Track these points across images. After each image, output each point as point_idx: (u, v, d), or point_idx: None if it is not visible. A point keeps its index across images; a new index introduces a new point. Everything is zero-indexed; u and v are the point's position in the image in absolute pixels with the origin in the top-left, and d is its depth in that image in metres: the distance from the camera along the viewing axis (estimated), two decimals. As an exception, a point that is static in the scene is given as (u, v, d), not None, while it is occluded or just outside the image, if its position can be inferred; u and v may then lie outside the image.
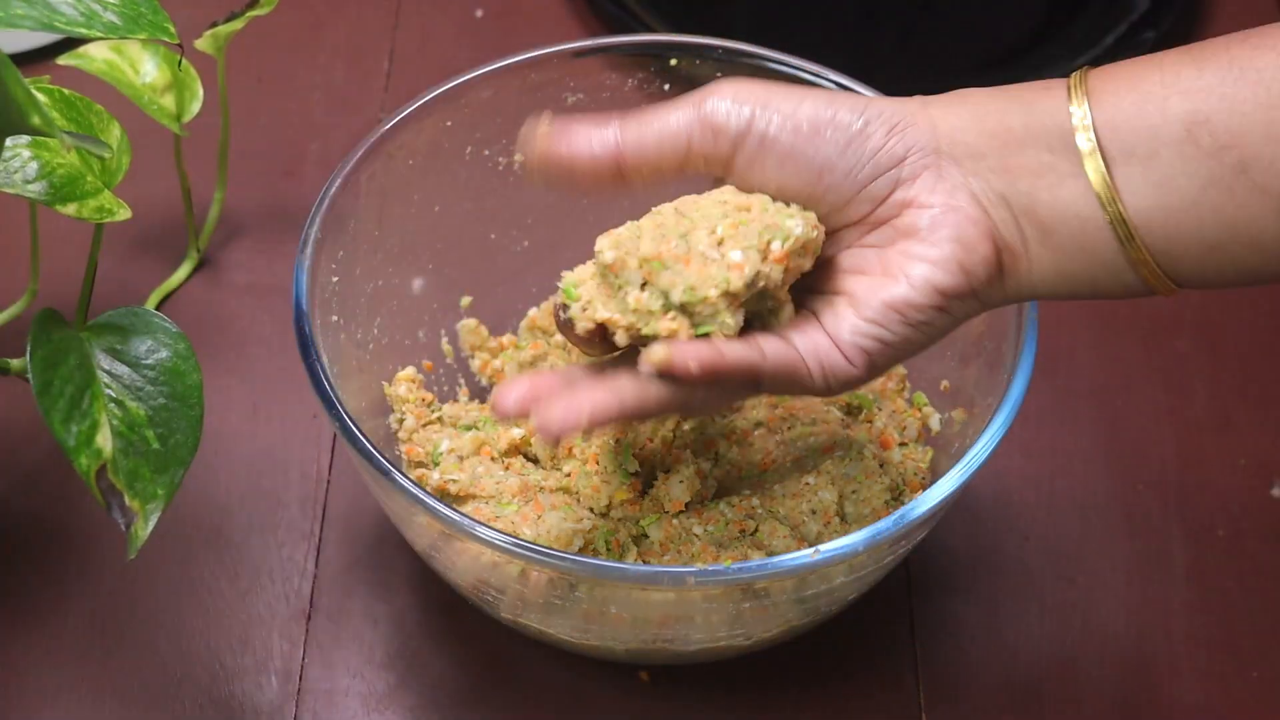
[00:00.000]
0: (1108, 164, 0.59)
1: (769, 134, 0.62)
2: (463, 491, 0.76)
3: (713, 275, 0.61)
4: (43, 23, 0.63)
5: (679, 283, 0.61)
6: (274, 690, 0.77)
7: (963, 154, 0.62)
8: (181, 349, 0.70)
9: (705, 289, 0.60)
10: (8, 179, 0.74)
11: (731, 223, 0.62)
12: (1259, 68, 0.58)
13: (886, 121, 0.62)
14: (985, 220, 0.62)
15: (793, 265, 0.62)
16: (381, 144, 0.77)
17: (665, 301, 0.61)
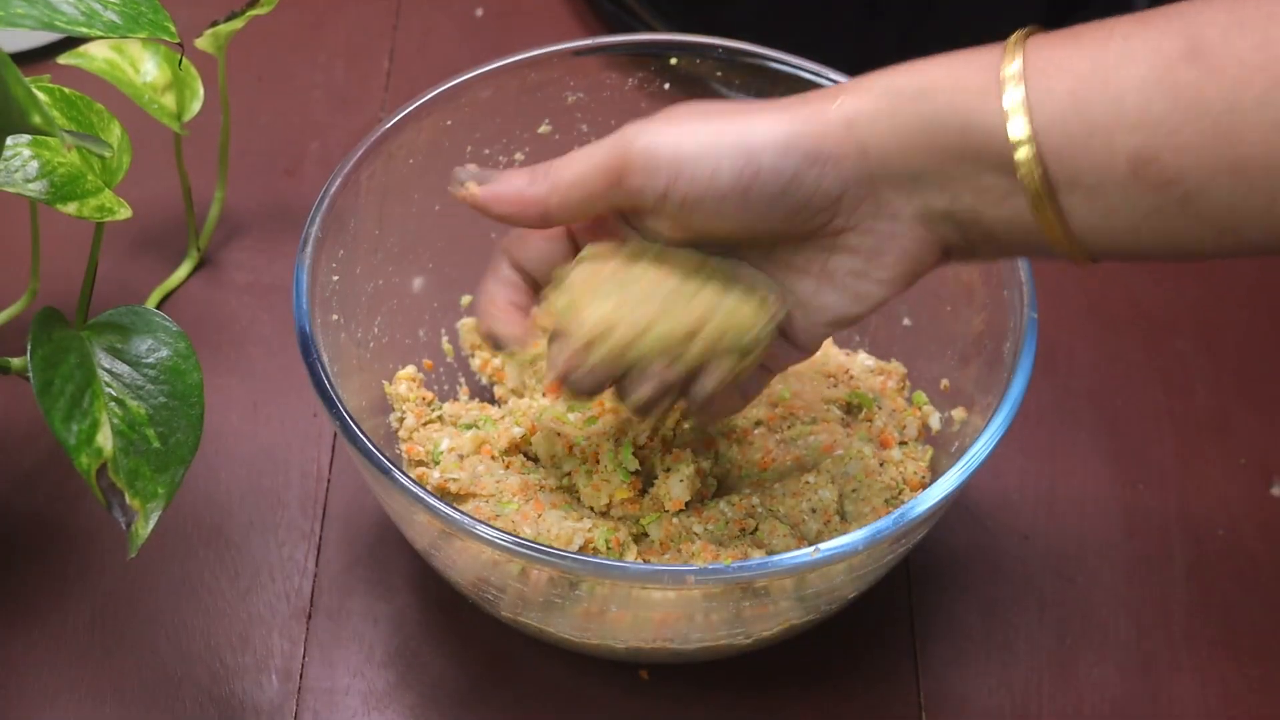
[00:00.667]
0: (1050, 193, 0.58)
1: (690, 198, 0.62)
2: (463, 490, 0.76)
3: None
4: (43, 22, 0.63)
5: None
6: (274, 689, 0.77)
7: (899, 178, 0.60)
8: (182, 348, 0.70)
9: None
10: (8, 178, 0.74)
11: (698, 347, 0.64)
12: (1207, 97, 0.55)
13: (814, 163, 0.60)
14: (931, 236, 0.62)
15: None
16: (382, 143, 0.77)
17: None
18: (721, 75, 0.81)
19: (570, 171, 0.64)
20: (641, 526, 0.75)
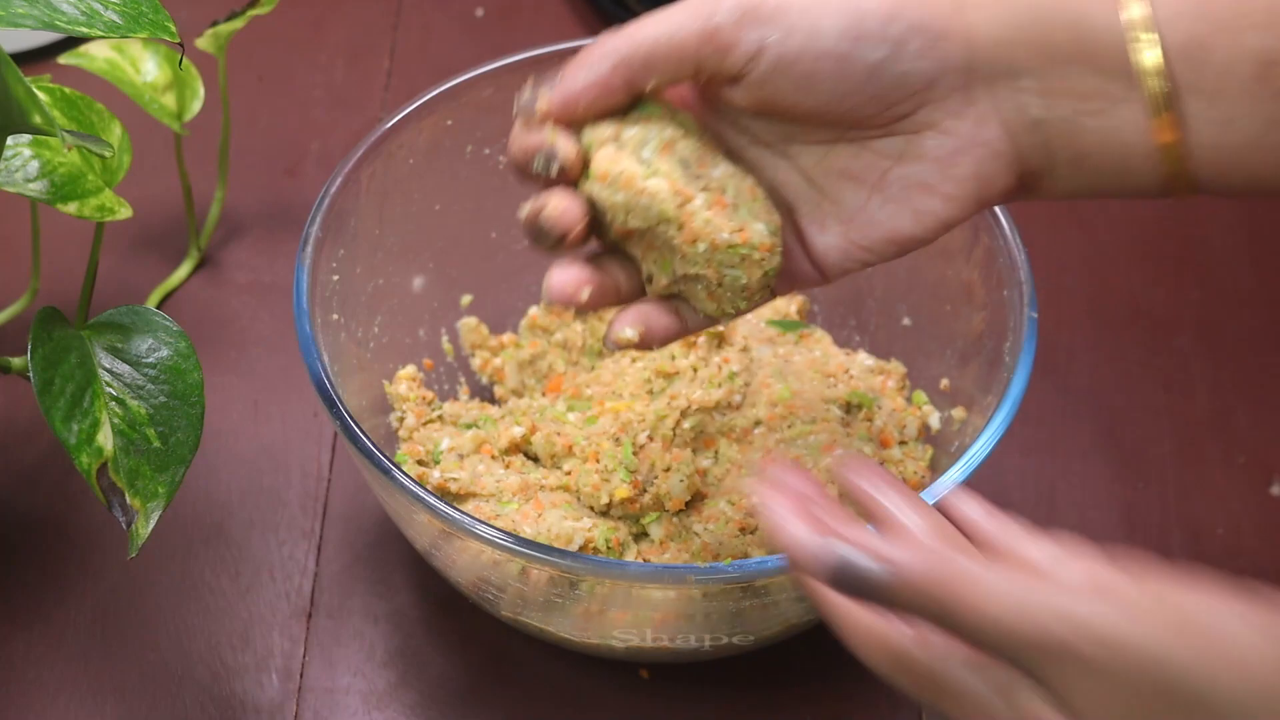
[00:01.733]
0: (1171, 96, 0.54)
1: (785, 58, 0.56)
2: (463, 490, 0.76)
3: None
4: (44, 22, 0.63)
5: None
6: (275, 688, 0.77)
7: (999, 72, 0.56)
8: (182, 347, 0.70)
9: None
10: (9, 178, 0.74)
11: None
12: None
13: (918, 36, 0.56)
14: (1011, 151, 0.57)
15: None
16: (382, 143, 0.77)
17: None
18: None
19: (653, 29, 0.58)
20: (642, 526, 0.75)
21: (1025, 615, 0.48)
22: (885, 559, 0.50)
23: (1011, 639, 0.49)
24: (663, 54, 0.58)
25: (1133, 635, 0.47)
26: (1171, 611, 0.48)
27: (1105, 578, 0.49)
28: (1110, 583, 0.49)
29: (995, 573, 0.49)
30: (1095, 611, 0.48)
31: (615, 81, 0.59)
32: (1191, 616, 0.48)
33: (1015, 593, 0.48)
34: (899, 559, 0.50)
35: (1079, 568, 0.50)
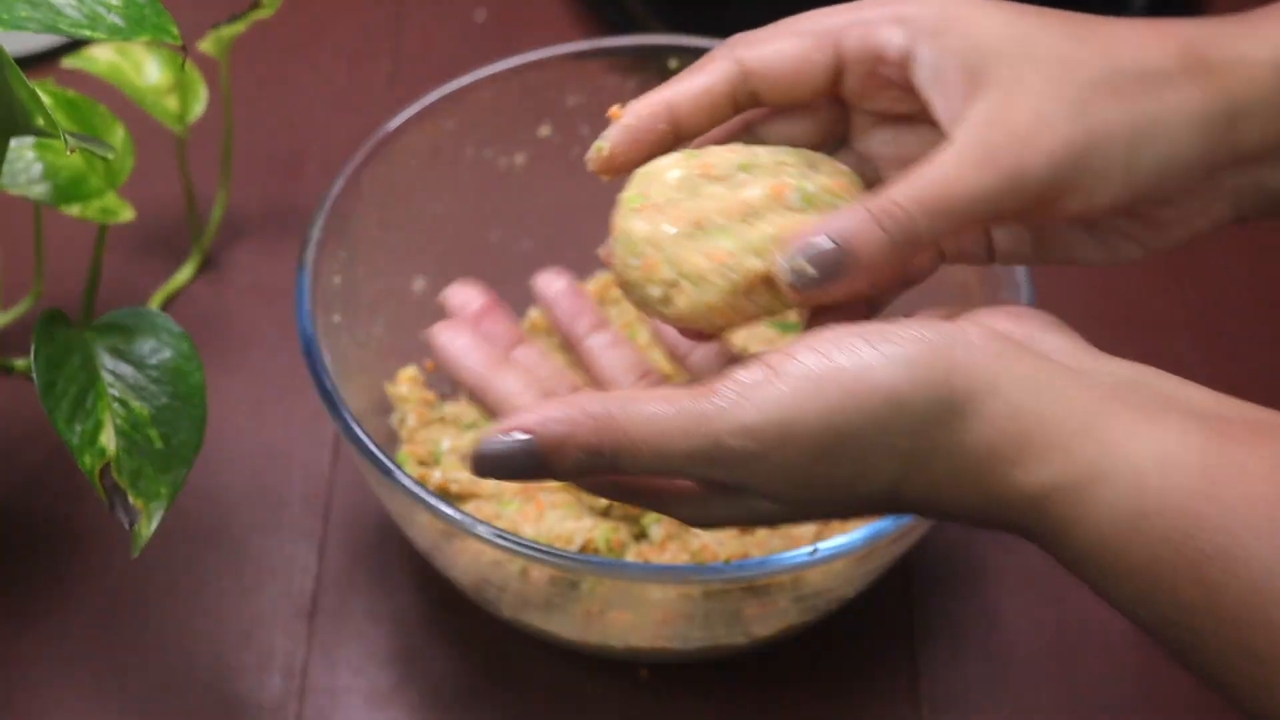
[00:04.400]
0: None
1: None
2: (464, 490, 0.76)
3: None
4: (47, 25, 0.64)
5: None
6: (277, 688, 0.77)
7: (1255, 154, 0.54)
8: (185, 349, 0.71)
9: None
10: (13, 180, 0.74)
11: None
12: None
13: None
14: (1235, 213, 0.57)
15: None
16: (384, 145, 0.77)
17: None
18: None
19: (766, 43, 0.55)
20: (642, 526, 0.75)
21: (681, 436, 0.49)
22: (519, 428, 0.50)
23: (679, 463, 0.50)
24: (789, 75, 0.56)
25: (768, 414, 0.49)
26: (812, 379, 0.49)
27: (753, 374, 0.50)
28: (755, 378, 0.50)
29: (639, 405, 0.50)
30: (733, 404, 0.49)
31: (721, 102, 0.56)
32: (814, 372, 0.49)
33: (661, 419, 0.49)
34: (531, 423, 0.50)
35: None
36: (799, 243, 0.51)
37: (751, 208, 0.53)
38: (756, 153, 0.54)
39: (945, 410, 0.49)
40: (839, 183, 0.54)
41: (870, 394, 0.48)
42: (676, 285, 0.52)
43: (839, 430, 0.49)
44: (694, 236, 0.53)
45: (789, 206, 0.53)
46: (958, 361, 0.49)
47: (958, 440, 0.49)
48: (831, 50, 0.54)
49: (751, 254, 0.52)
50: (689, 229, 0.52)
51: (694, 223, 0.53)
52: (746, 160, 0.54)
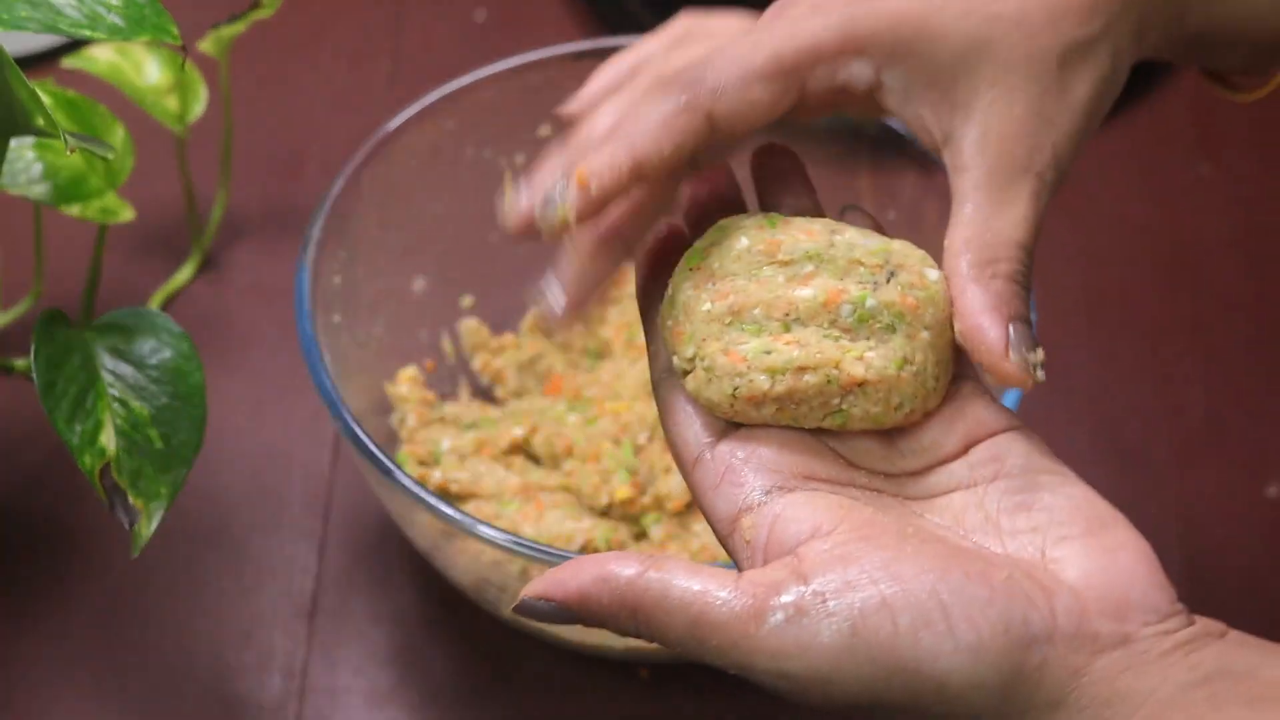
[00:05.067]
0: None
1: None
2: (464, 490, 0.76)
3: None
4: (47, 25, 0.64)
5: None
6: (277, 688, 0.77)
7: None
8: (185, 349, 0.71)
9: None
10: (13, 180, 0.74)
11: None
12: None
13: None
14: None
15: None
16: (383, 145, 0.77)
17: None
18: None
19: (755, 56, 0.53)
20: (642, 526, 0.75)
21: (711, 634, 0.48)
22: (544, 596, 0.50)
23: (710, 656, 0.49)
24: (760, 91, 0.54)
25: (811, 666, 0.48)
26: (863, 639, 0.47)
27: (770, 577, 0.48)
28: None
29: (670, 584, 0.48)
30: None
31: (694, 130, 0.54)
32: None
33: (694, 610, 0.48)
34: (554, 594, 0.49)
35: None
36: (1012, 337, 0.52)
37: (797, 311, 0.51)
38: (836, 243, 0.52)
39: (997, 707, 0.47)
40: (910, 300, 0.51)
41: (924, 681, 0.47)
42: (692, 366, 0.51)
43: (879, 697, 0.47)
44: (726, 324, 0.51)
45: (836, 320, 0.51)
46: (1028, 666, 0.47)
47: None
48: (798, 92, 0.54)
49: (763, 373, 0.50)
50: (725, 313, 0.51)
51: (732, 309, 0.51)
52: (820, 249, 0.51)
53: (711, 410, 0.51)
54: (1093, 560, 0.50)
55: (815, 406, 0.51)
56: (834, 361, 0.50)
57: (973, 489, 0.51)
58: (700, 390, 0.51)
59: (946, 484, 0.51)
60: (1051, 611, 0.47)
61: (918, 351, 0.51)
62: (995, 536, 0.50)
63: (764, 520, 0.50)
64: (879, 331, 0.51)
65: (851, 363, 0.50)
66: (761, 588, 0.47)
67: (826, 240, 0.52)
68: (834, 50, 0.53)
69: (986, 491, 0.51)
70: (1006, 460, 0.52)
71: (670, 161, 0.53)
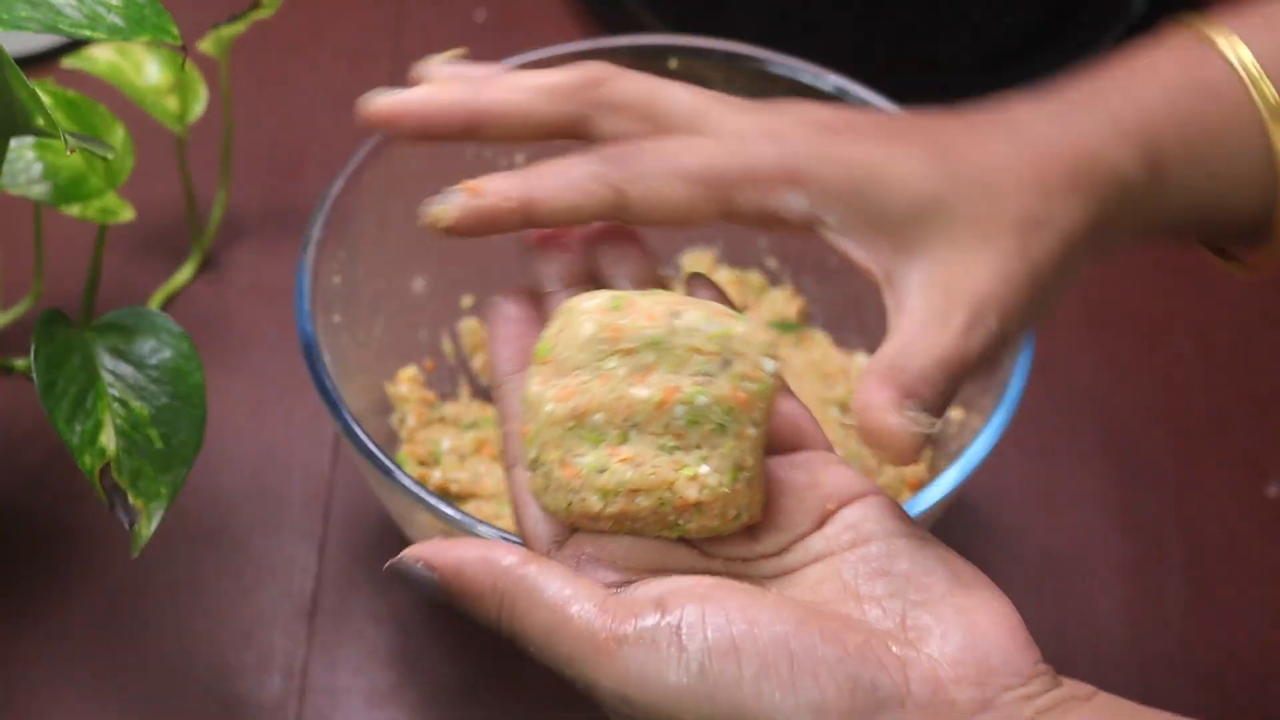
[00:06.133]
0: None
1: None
2: (464, 490, 0.76)
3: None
4: (46, 25, 0.64)
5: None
6: (276, 688, 0.77)
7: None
8: (184, 349, 0.71)
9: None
10: (13, 180, 0.74)
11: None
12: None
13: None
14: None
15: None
16: (384, 145, 0.77)
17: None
18: (722, 78, 0.81)
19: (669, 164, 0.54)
20: (641, 526, 0.75)
21: (567, 645, 0.48)
22: (425, 561, 0.50)
23: (559, 664, 0.49)
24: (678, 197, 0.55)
25: (650, 696, 0.48)
26: (709, 681, 0.47)
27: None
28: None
29: (546, 584, 0.49)
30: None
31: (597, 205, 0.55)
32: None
33: (559, 616, 0.48)
34: (435, 560, 0.50)
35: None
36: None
37: (634, 416, 0.50)
38: (676, 327, 0.51)
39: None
40: (738, 394, 0.50)
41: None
42: (536, 468, 0.51)
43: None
44: (568, 430, 0.50)
45: (670, 425, 0.50)
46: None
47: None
48: (723, 203, 0.54)
49: (596, 493, 0.50)
50: (568, 417, 0.50)
51: (574, 412, 0.50)
52: (661, 335, 0.50)
53: (552, 514, 0.52)
54: (951, 623, 0.49)
55: (651, 523, 0.50)
56: (667, 483, 0.50)
57: (829, 559, 0.51)
58: (539, 494, 0.51)
59: (803, 559, 0.51)
60: (905, 679, 0.47)
61: (748, 454, 0.51)
62: (855, 604, 0.49)
63: (628, 593, 0.50)
64: (710, 435, 0.50)
65: (685, 484, 0.50)
66: (623, 609, 0.48)
67: (667, 325, 0.51)
68: (768, 179, 0.53)
69: (844, 560, 0.50)
70: (862, 527, 0.51)
71: (564, 217, 0.54)
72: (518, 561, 0.49)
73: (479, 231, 0.55)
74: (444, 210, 0.54)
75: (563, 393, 0.50)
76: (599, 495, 0.50)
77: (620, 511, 0.50)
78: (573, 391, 0.50)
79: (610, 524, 0.51)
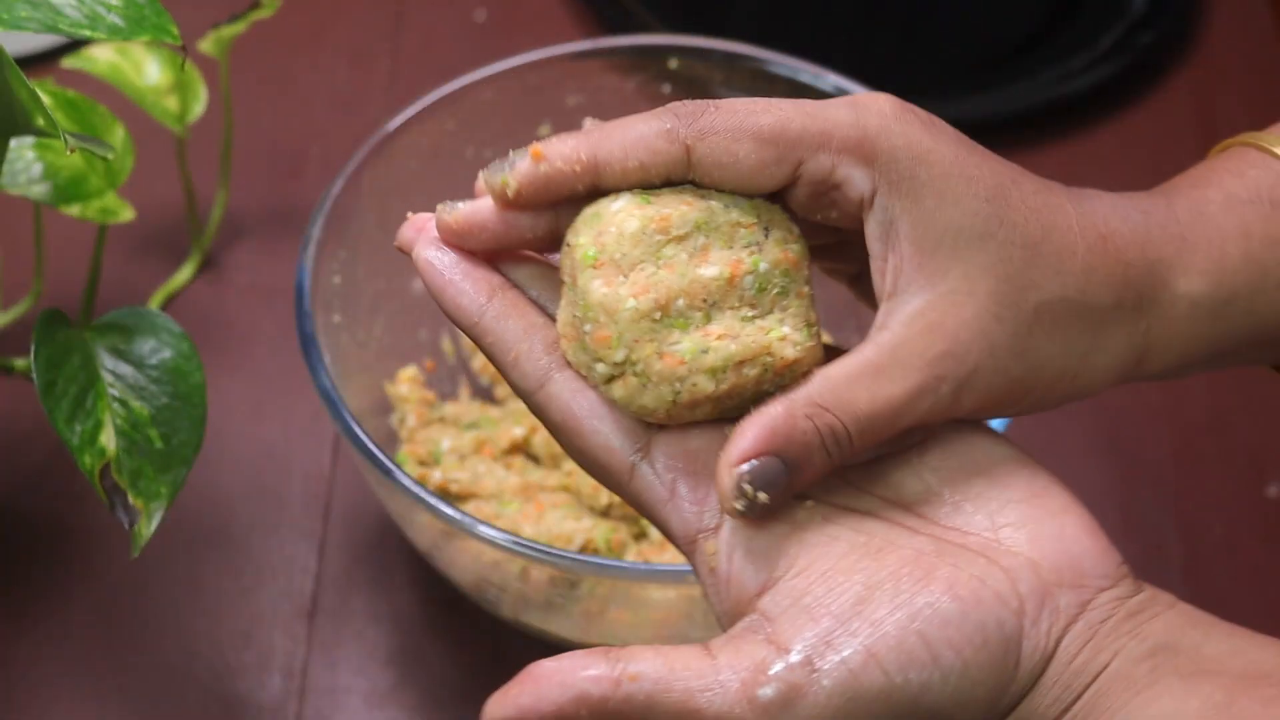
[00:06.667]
0: None
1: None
2: (464, 490, 0.76)
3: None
4: (47, 25, 0.64)
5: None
6: (276, 688, 0.77)
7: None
8: (184, 349, 0.71)
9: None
10: (13, 180, 0.74)
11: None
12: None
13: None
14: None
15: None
16: (384, 145, 0.77)
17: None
18: (722, 78, 0.81)
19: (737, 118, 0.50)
20: (641, 526, 0.75)
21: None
22: (516, 712, 0.47)
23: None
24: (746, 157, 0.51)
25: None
26: (863, 697, 0.47)
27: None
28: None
29: (647, 678, 0.47)
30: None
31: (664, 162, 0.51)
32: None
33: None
34: (528, 706, 0.47)
35: None
36: (744, 471, 0.48)
37: (710, 293, 0.49)
38: (712, 208, 0.50)
39: (987, 713, 0.48)
40: (788, 255, 0.51)
41: (920, 715, 0.47)
42: (622, 373, 0.49)
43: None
44: (655, 322, 0.49)
45: (743, 296, 0.50)
46: (1007, 666, 0.48)
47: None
48: (791, 169, 0.50)
49: (705, 374, 0.49)
50: (653, 309, 0.49)
51: (657, 304, 0.49)
52: (703, 217, 0.50)
53: (642, 417, 0.50)
54: (1041, 528, 0.49)
55: (748, 398, 0.50)
56: (765, 348, 0.50)
57: (905, 459, 0.51)
58: (633, 398, 0.50)
59: (877, 456, 0.51)
60: (1018, 598, 0.48)
61: (810, 309, 0.51)
62: (939, 507, 0.50)
63: (725, 549, 0.49)
64: (776, 298, 0.50)
65: (780, 345, 0.50)
66: (747, 670, 0.47)
67: (705, 209, 0.50)
68: (846, 145, 0.50)
69: (923, 460, 0.51)
70: (930, 425, 0.51)
71: (632, 176, 0.50)
72: (611, 686, 0.47)
73: (542, 200, 0.50)
74: (506, 178, 0.51)
75: (639, 288, 0.49)
76: (708, 375, 0.49)
77: (731, 387, 0.49)
78: (647, 284, 0.49)
79: (713, 407, 0.50)
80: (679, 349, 0.49)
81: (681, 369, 0.49)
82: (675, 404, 0.49)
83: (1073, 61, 1.01)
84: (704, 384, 0.49)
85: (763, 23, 1.07)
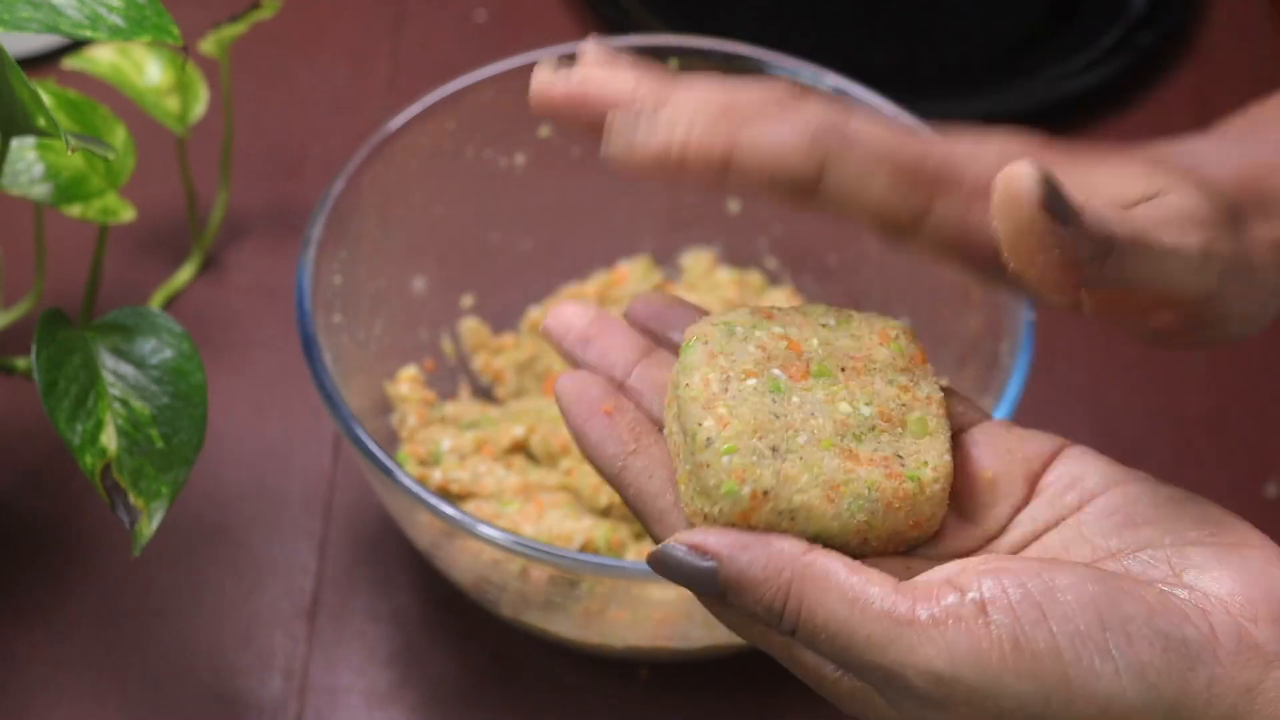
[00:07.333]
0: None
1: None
2: (464, 490, 0.76)
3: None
4: (48, 25, 0.64)
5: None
6: (277, 687, 0.77)
7: None
8: (185, 349, 0.71)
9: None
10: (14, 180, 0.75)
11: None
12: None
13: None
14: None
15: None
16: (384, 145, 0.77)
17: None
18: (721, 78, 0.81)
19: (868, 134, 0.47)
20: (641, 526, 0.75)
21: (864, 638, 0.45)
22: (711, 552, 0.46)
23: (854, 662, 0.46)
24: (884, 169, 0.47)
25: (959, 669, 0.44)
26: (1025, 652, 0.44)
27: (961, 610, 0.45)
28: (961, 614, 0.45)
29: (852, 581, 0.45)
30: (932, 652, 0.45)
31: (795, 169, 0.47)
32: (1051, 649, 0.44)
33: (856, 614, 0.45)
34: (722, 552, 0.46)
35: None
36: None
37: (849, 429, 0.48)
38: (822, 335, 0.49)
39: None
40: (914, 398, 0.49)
41: (1085, 704, 0.44)
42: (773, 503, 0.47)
43: (1035, 716, 0.44)
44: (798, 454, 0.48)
45: (874, 426, 0.48)
46: (1194, 687, 0.44)
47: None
48: (921, 207, 0.47)
49: (862, 507, 0.48)
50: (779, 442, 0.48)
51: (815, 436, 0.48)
52: (820, 341, 0.49)
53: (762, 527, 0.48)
54: (1223, 563, 0.47)
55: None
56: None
57: (1064, 525, 0.49)
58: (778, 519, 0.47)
59: (1033, 531, 0.49)
60: (1210, 627, 0.45)
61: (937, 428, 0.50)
62: (1115, 561, 0.47)
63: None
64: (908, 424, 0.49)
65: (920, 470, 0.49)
66: (919, 593, 0.45)
67: (814, 331, 0.49)
68: (977, 187, 0.47)
69: (1081, 520, 0.48)
70: (1084, 482, 0.49)
71: (758, 178, 0.46)
72: (803, 549, 0.46)
73: (665, 176, 0.47)
74: (639, 145, 0.47)
75: (757, 427, 0.48)
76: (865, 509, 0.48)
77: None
78: (767, 425, 0.48)
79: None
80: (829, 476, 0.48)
81: (838, 495, 0.48)
82: (845, 532, 0.48)
83: (1073, 61, 1.01)
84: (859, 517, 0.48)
85: (763, 23, 1.07)
